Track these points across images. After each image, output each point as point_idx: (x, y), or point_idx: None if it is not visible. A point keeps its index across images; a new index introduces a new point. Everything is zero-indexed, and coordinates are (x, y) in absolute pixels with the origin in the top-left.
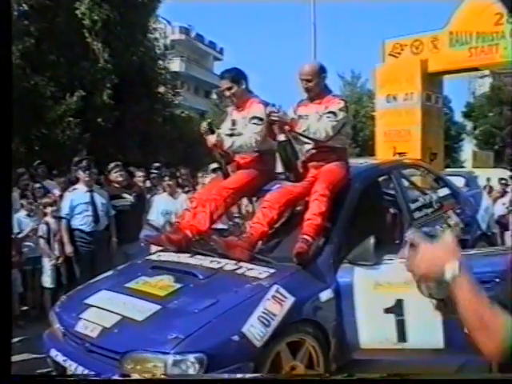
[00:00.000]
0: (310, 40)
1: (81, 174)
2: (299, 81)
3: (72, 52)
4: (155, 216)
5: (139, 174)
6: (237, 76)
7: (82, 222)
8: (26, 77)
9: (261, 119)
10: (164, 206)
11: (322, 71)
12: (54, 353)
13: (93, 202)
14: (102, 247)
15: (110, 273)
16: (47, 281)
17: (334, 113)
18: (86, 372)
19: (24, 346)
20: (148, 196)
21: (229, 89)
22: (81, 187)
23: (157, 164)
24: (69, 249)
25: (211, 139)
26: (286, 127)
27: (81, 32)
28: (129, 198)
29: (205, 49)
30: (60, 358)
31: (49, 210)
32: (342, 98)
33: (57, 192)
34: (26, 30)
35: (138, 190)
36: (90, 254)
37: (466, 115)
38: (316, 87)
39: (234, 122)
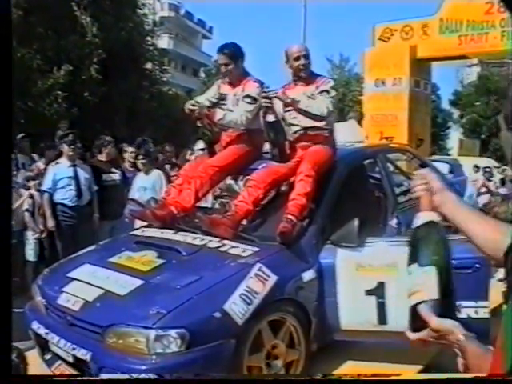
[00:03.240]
0: (300, 22)
1: (65, 148)
2: (288, 61)
3: (60, 25)
4: (133, 193)
5: (130, 150)
6: (235, 53)
7: (65, 196)
8: (13, 49)
9: (254, 99)
10: (140, 183)
11: (308, 53)
12: (35, 325)
13: (76, 177)
14: (85, 222)
15: (93, 247)
16: (30, 254)
17: (327, 91)
18: (67, 344)
19: None
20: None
21: (226, 65)
22: (64, 161)
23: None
24: (51, 223)
25: (202, 110)
26: (288, 106)
27: (69, 5)
28: (118, 173)
29: (194, 27)
30: (42, 330)
31: (32, 183)
32: (328, 77)
33: (41, 165)
34: (14, 1)
35: (124, 166)
36: (72, 229)
37: (454, 103)
38: (303, 68)
39: (223, 97)
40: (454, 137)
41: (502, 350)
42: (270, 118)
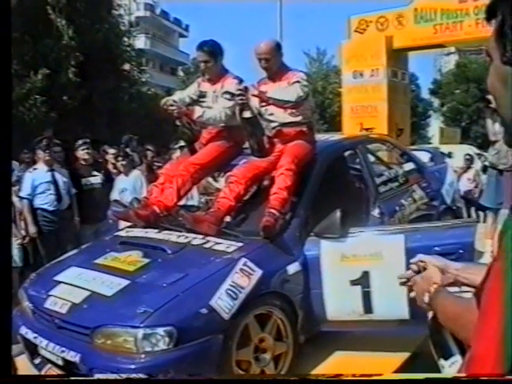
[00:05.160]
0: (276, 16)
1: (40, 154)
2: (257, 60)
3: (36, 29)
4: (115, 195)
5: (111, 152)
6: (214, 50)
7: (45, 201)
8: None
9: (233, 95)
10: (121, 185)
11: (278, 48)
12: (24, 330)
13: (54, 181)
14: (66, 226)
15: (78, 249)
16: (14, 260)
17: (298, 81)
18: (56, 347)
19: None
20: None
21: (205, 62)
22: (41, 167)
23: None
24: (32, 229)
25: (181, 109)
26: (257, 98)
27: (44, 9)
28: (98, 176)
29: (170, 26)
30: (30, 335)
31: (12, 189)
32: (301, 71)
33: (19, 171)
34: None
35: (106, 169)
36: (54, 233)
37: (433, 92)
38: (274, 65)
39: (203, 94)
40: (435, 125)
41: (499, 348)
42: (247, 114)
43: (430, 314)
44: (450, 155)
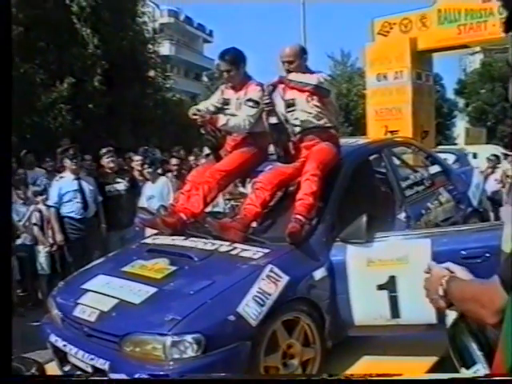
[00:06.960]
0: (299, 20)
1: (67, 163)
2: (281, 64)
3: (61, 39)
4: (142, 202)
5: (137, 158)
6: (236, 58)
7: (72, 209)
8: (15, 65)
9: (257, 102)
10: (149, 192)
11: (302, 52)
12: (53, 338)
13: (81, 190)
14: (93, 233)
15: (105, 257)
16: (43, 267)
17: (320, 74)
18: (85, 355)
19: (24, 332)
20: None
21: (227, 71)
22: (68, 175)
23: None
24: (59, 237)
25: (205, 117)
26: (283, 103)
27: (69, 18)
28: (122, 183)
29: (194, 31)
30: (60, 343)
31: (39, 198)
32: (324, 72)
33: (45, 180)
34: (15, 17)
35: (131, 176)
36: (81, 241)
37: (458, 92)
38: (297, 68)
39: (227, 102)
40: (460, 126)
41: (501, 349)
42: (273, 120)
43: (450, 321)
44: (475, 156)
